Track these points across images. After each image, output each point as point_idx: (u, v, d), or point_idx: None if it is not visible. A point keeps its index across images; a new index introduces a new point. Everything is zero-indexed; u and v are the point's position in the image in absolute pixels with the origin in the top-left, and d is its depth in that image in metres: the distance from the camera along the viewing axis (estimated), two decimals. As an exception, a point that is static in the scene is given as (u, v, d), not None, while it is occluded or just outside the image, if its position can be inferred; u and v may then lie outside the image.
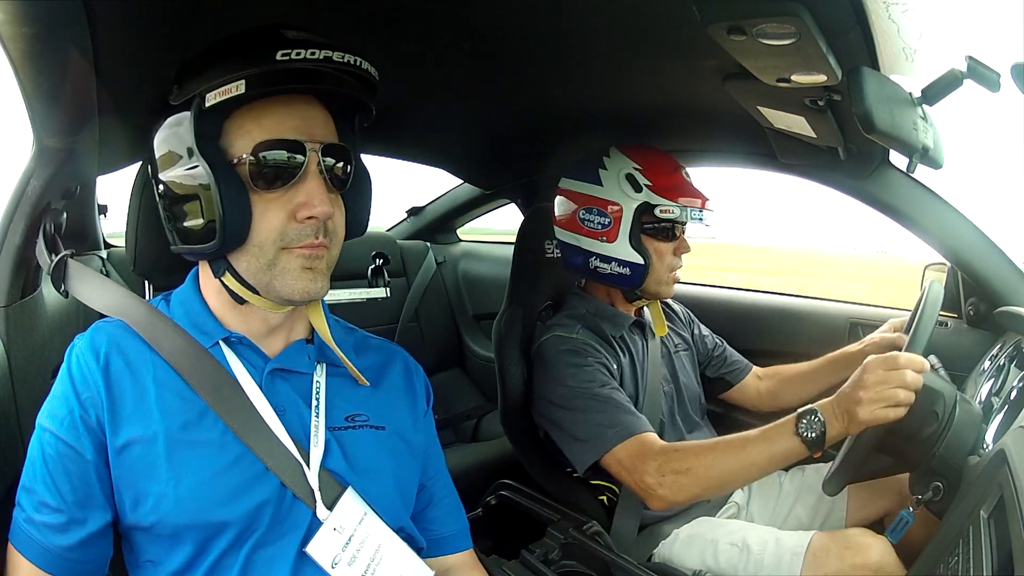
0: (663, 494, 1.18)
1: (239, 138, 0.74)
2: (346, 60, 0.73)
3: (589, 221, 1.44)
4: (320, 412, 0.82)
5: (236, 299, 0.80)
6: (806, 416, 1.07)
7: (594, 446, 1.28)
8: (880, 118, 0.90)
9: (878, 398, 1.00)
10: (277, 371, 0.82)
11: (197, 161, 0.72)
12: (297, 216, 0.75)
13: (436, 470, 0.98)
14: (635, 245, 1.40)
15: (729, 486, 1.22)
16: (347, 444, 0.83)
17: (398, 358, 0.97)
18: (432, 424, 0.99)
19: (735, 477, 1.16)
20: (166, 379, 0.77)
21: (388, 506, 0.84)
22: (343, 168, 0.80)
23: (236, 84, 0.70)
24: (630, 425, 1.26)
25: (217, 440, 0.76)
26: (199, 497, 0.73)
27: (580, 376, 1.34)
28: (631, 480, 1.23)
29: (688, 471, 1.16)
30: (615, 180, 1.41)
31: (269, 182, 0.74)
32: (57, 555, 0.73)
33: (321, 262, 0.78)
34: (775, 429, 1.11)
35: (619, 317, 1.49)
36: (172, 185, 0.77)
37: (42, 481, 0.74)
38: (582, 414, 1.31)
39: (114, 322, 0.81)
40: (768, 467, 1.13)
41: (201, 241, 0.75)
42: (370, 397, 0.89)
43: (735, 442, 1.15)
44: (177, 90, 0.74)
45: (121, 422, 0.74)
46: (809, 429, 1.06)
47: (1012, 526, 0.66)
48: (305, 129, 0.75)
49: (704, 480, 1.15)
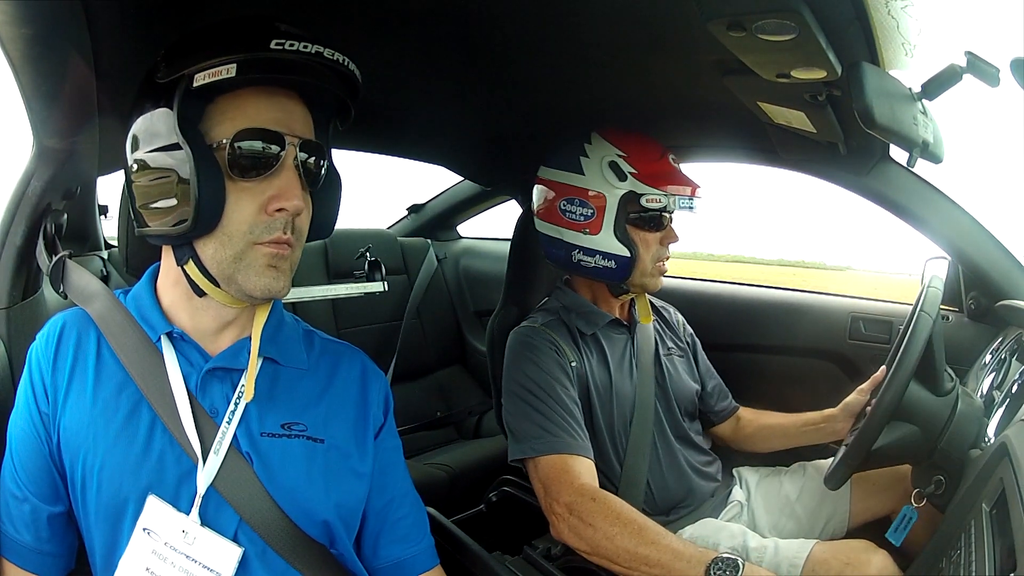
0: (562, 529, 1.14)
1: (220, 124, 0.74)
2: (335, 58, 0.74)
3: (571, 212, 1.37)
4: (234, 419, 0.79)
5: (195, 290, 0.79)
6: (723, 564, 1.00)
7: (521, 446, 1.25)
8: (880, 113, 0.90)
9: None
10: (217, 370, 0.81)
11: (177, 141, 0.71)
12: (268, 208, 0.75)
13: (394, 491, 0.93)
14: (620, 236, 1.33)
15: (616, 565, 1.09)
16: (275, 454, 0.81)
17: (356, 362, 0.94)
18: (391, 438, 0.94)
19: (626, 562, 1.07)
20: (109, 366, 0.80)
21: (315, 524, 0.82)
22: (317, 166, 0.80)
23: (227, 67, 0.69)
24: (559, 443, 1.21)
25: (145, 429, 0.78)
26: (116, 481, 0.75)
27: (528, 370, 1.31)
28: (542, 498, 1.20)
29: (591, 527, 1.10)
30: (597, 168, 1.35)
31: (245, 171, 0.74)
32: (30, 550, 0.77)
33: (285, 262, 0.78)
34: (687, 555, 1.04)
35: (594, 315, 1.43)
36: (147, 164, 0.76)
37: (10, 476, 0.78)
38: (521, 407, 1.28)
39: (76, 310, 0.84)
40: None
41: (171, 223, 0.75)
42: (314, 404, 0.86)
43: (648, 534, 1.07)
44: (165, 68, 0.73)
45: (61, 398, 0.78)
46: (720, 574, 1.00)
47: (1014, 519, 0.66)
48: (286, 122, 0.76)
49: (597, 545, 1.10)
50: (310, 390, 0.87)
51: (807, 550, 1.15)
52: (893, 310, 1.76)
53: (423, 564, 0.94)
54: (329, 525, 0.83)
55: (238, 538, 0.78)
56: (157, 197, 0.76)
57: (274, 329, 0.87)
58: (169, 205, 0.74)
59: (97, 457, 0.76)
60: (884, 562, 1.08)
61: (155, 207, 0.76)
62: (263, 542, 0.78)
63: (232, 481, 0.77)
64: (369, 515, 0.91)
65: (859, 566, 1.09)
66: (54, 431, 0.77)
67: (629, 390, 1.40)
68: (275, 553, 0.79)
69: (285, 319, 0.91)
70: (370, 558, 0.92)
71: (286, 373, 0.86)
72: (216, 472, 0.77)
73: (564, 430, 1.23)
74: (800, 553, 1.16)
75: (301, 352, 0.89)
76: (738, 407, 1.64)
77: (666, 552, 1.05)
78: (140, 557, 0.76)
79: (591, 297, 1.47)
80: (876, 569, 1.08)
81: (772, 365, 1.94)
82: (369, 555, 0.92)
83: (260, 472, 0.79)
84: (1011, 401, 1.04)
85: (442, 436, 2.44)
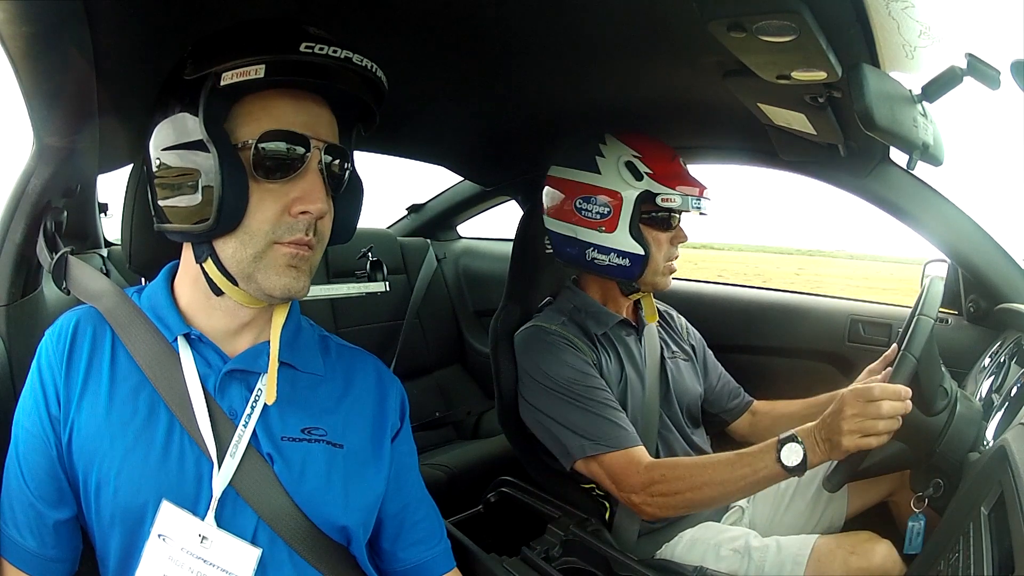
0: (652, 512, 1.22)
1: (246, 124, 0.74)
2: (364, 64, 0.73)
3: (587, 211, 1.38)
4: (250, 422, 0.79)
5: (213, 289, 0.78)
6: (787, 444, 1.09)
7: (577, 447, 1.27)
8: (880, 115, 0.90)
9: (857, 429, 1.02)
10: (235, 372, 0.81)
11: (202, 139, 0.71)
12: (291, 210, 0.74)
13: (410, 495, 0.93)
14: (635, 235, 1.35)
15: (712, 506, 1.25)
16: (297, 458, 0.80)
17: (370, 368, 0.94)
18: (408, 442, 0.95)
19: (718, 500, 1.21)
20: (124, 367, 0.78)
21: (336, 528, 0.82)
22: (340, 170, 0.80)
23: (256, 68, 0.69)
24: (622, 437, 1.26)
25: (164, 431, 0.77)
26: (135, 485, 0.74)
27: (557, 370, 1.32)
28: (616, 492, 1.26)
29: (675, 494, 1.18)
30: (614, 168, 1.36)
31: (269, 172, 0.73)
32: (33, 554, 0.75)
33: (306, 263, 0.77)
34: (757, 456, 1.13)
35: (603, 315, 1.45)
36: (170, 161, 0.75)
37: (15, 478, 0.76)
38: (565, 407, 1.30)
39: (87, 308, 0.83)
40: (752, 491, 1.20)
41: (192, 221, 0.74)
42: (333, 411, 0.86)
43: (720, 467, 1.17)
44: (192, 65, 0.72)
45: (74, 400, 0.76)
46: (790, 457, 1.09)
47: (1012, 522, 0.66)
48: (312, 126, 0.75)
49: (692, 503, 1.20)
50: (328, 395, 0.87)
51: (810, 545, 1.17)
52: (892, 312, 1.76)
53: (441, 567, 0.95)
54: (347, 529, 0.83)
55: (257, 539, 0.77)
56: (179, 194, 0.75)
57: (292, 334, 0.86)
58: (191, 203, 0.74)
59: (115, 461, 0.74)
60: (888, 551, 1.11)
61: (177, 204, 0.76)
62: (282, 542, 0.78)
63: (251, 480, 0.77)
64: (386, 519, 0.91)
65: (864, 555, 1.11)
66: (64, 434, 0.75)
67: (639, 389, 1.42)
68: (294, 553, 0.78)
69: (302, 324, 0.90)
70: (389, 561, 0.92)
71: (303, 379, 0.86)
72: (233, 473, 0.76)
73: (618, 424, 1.28)
74: (803, 550, 1.17)
75: (317, 358, 0.88)
76: (752, 400, 1.65)
77: (742, 465, 1.14)
78: (157, 564, 0.74)
79: (600, 297, 1.48)
80: (880, 558, 1.10)
81: (771, 366, 1.94)
82: (388, 559, 0.92)
83: (281, 474, 0.78)
84: (1010, 404, 1.04)
85: (441, 436, 2.43)
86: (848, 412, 1.02)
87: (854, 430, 1.01)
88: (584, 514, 1.37)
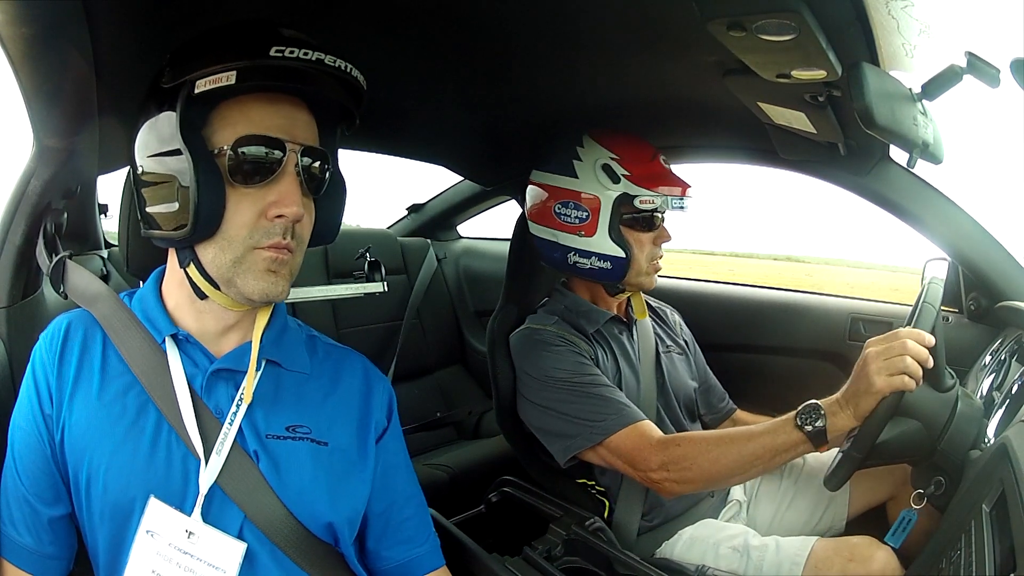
0: (670, 488, 1.19)
1: (222, 129, 0.74)
2: (337, 65, 0.73)
3: (565, 215, 1.39)
4: (235, 421, 0.80)
5: (197, 293, 0.80)
6: (806, 410, 1.07)
7: (580, 438, 1.27)
8: (880, 113, 0.90)
9: (885, 367, 0.99)
10: (222, 371, 0.82)
11: (179, 146, 0.71)
12: (267, 214, 0.75)
13: (396, 494, 0.93)
14: (615, 238, 1.35)
15: (734, 480, 1.24)
16: (282, 456, 0.81)
17: (358, 367, 0.94)
18: (396, 440, 0.95)
19: (739, 472, 1.16)
20: (114, 367, 0.80)
21: (320, 525, 0.82)
22: (320, 172, 0.80)
23: (227, 75, 0.70)
24: (626, 414, 1.25)
25: (152, 429, 0.78)
26: (122, 481, 0.75)
27: (555, 366, 1.32)
28: (633, 473, 1.23)
29: (694, 467, 1.15)
30: (591, 171, 1.36)
31: (246, 177, 0.74)
32: (31, 552, 0.77)
33: (285, 267, 0.78)
34: (776, 425, 1.11)
35: (594, 313, 1.45)
36: (150, 168, 0.76)
37: (11, 477, 0.78)
38: (565, 399, 1.30)
39: (79, 311, 0.84)
40: (772, 462, 1.12)
41: (172, 227, 0.75)
42: (318, 409, 0.87)
43: (739, 437, 1.15)
44: (169, 72, 0.74)
45: (66, 399, 0.78)
46: (809, 422, 1.06)
47: (1014, 520, 0.66)
48: (288, 129, 0.75)
49: (710, 476, 1.17)
50: (314, 394, 0.88)
51: (808, 547, 1.16)
52: (893, 311, 1.76)
53: (429, 564, 0.95)
54: (333, 526, 0.84)
55: (243, 536, 0.78)
56: (161, 201, 0.76)
57: (277, 334, 0.87)
58: (171, 209, 0.75)
59: (103, 458, 0.76)
60: (887, 558, 1.09)
61: (159, 211, 0.77)
62: (268, 540, 0.78)
63: (236, 479, 0.78)
64: (371, 517, 0.91)
65: (862, 562, 1.09)
66: (57, 432, 0.77)
67: (634, 384, 1.42)
68: (280, 551, 0.79)
69: (288, 324, 0.91)
70: (375, 560, 0.93)
71: (290, 377, 0.87)
72: (219, 471, 0.77)
73: (620, 403, 1.27)
74: (801, 551, 1.16)
75: (304, 356, 0.89)
76: (735, 409, 1.64)
77: (761, 439, 1.11)
78: (145, 559, 0.76)
79: (589, 297, 1.49)
80: (879, 565, 1.08)
81: (772, 366, 1.94)
82: (374, 557, 0.93)
83: (267, 471, 0.79)
84: (1011, 402, 1.04)
85: (442, 436, 2.43)
86: (873, 354, 1.01)
87: (882, 368, 0.99)
88: (587, 513, 1.37)
